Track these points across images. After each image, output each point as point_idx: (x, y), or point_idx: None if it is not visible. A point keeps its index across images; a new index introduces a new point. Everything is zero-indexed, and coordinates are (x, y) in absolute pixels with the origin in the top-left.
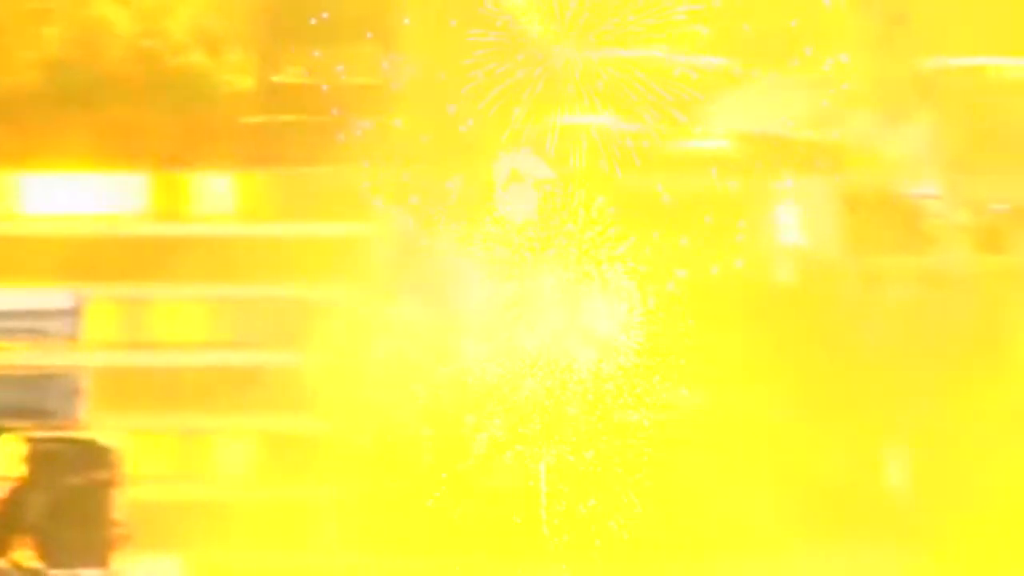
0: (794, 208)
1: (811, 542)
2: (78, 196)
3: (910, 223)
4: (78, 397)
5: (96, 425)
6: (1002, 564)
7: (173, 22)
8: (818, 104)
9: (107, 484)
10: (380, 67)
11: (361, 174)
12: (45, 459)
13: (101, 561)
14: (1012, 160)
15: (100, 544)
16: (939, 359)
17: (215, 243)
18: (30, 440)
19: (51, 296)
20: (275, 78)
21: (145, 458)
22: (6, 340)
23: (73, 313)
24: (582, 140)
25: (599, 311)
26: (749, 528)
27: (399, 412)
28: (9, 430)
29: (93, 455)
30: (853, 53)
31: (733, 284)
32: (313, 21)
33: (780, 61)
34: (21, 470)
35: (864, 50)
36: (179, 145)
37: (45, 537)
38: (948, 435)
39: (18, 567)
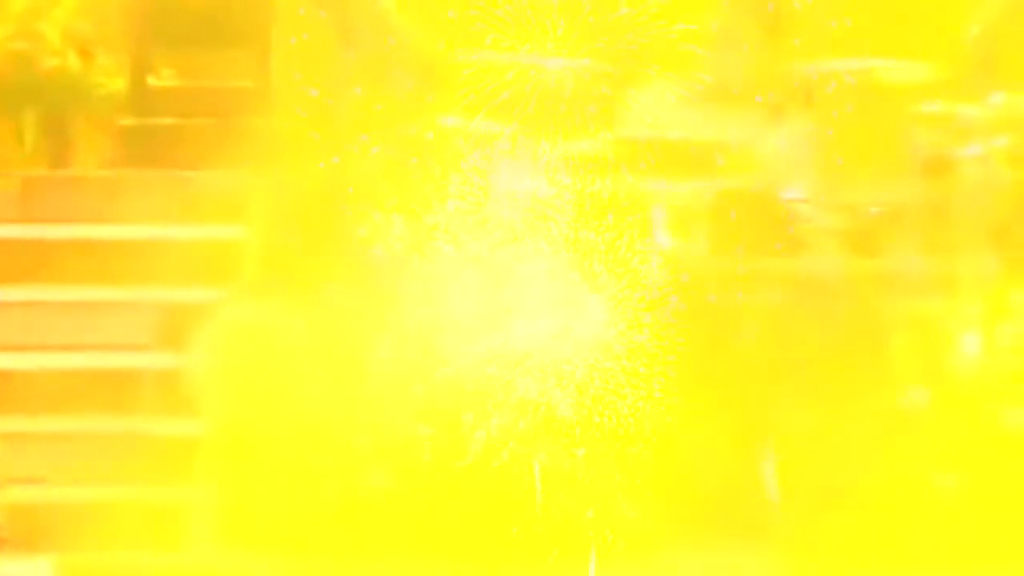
0: (668, 210)
1: (687, 544)
2: None
3: (784, 226)
4: None
5: None
6: (872, 564)
7: (46, 25)
8: (694, 106)
9: None
10: (254, 70)
11: (235, 177)
12: None
13: None
14: (886, 163)
15: None
16: (812, 362)
17: (92, 245)
18: None
19: None
20: (150, 80)
21: (19, 460)
22: None
23: None
24: (572, 152)
25: (590, 312)
26: (625, 529)
27: (289, 411)
28: None
29: None
30: (729, 55)
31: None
32: (186, 24)
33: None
34: None
35: (740, 52)
36: (54, 147)
37: None
38: (821, 437)
39: None
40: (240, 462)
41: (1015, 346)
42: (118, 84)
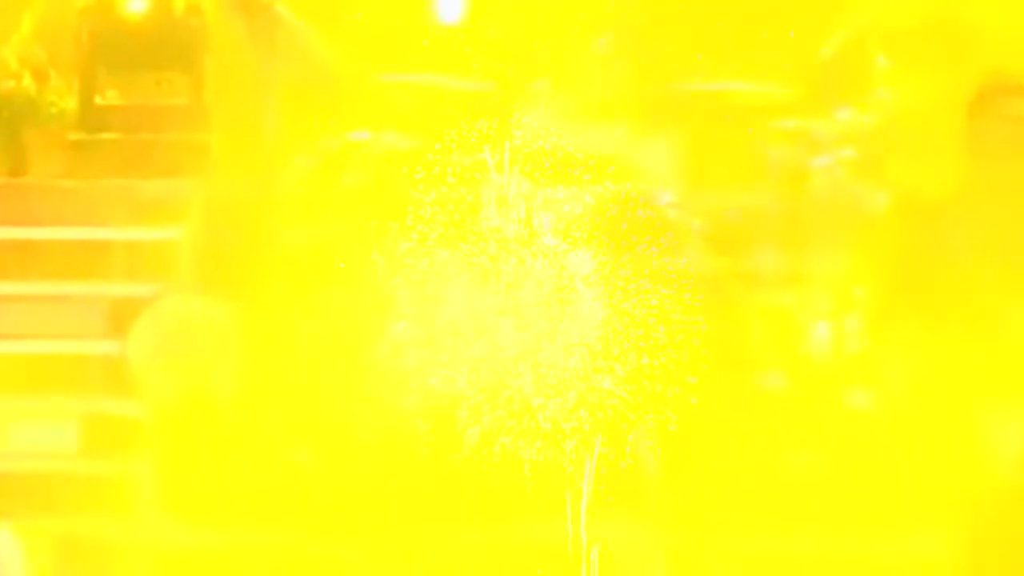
0: (550, 213)
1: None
2: None
3: (656, 228)
4: None
5: None
6: (738, 531)
7: (4, 50)
8: (579, 119)
9: None
10: (189, 89)
11: (173, 185)
12: None
13: None
14: (746, 173)
15: None
16: (682, 349)
17: (46, 246)
18: None
19: None
20: (97, 100)
21: None
22: None
23: None
24: (554, 162)
25: (580, 315)
26: (508, 502)
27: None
28: None
29: None
30: (609, 72)
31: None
32: (128, 50)
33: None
34: None
35: (617, 70)
36: (11, 159)
37: None
38: (693, 418)
39: None
40: (179, 440)
41: (859, 334)
42: (69, 103)
